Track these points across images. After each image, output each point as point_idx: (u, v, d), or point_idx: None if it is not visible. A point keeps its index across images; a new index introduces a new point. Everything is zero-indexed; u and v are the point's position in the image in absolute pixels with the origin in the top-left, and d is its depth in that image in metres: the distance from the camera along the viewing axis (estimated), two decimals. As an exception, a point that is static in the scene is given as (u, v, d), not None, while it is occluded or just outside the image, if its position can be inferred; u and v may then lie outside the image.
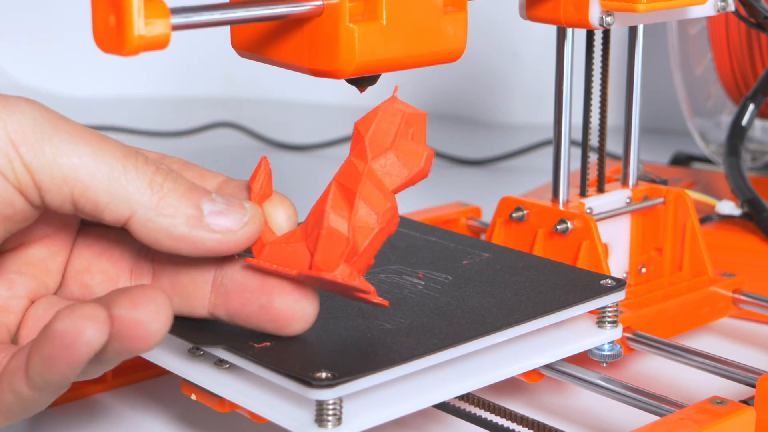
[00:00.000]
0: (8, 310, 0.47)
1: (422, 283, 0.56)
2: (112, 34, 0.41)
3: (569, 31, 0.62)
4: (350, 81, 0.50)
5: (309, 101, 1.30)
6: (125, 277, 0.49)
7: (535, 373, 0.55)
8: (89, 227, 0.49)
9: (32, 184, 0.43)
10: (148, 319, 0.42)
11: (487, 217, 0.75)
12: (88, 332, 0.40)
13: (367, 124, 0.45)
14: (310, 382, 0.45)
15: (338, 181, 0.45)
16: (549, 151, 0.91)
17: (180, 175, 0.45)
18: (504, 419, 0.51)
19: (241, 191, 0.47)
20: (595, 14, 0.59)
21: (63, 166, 0.43)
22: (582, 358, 0.55)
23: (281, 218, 0.46)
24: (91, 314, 0.41)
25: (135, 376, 0.61)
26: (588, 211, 0.64)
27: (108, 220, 0.44)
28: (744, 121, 0.73)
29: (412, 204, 0.80)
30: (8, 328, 0.47)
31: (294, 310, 0.46)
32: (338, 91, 1.24)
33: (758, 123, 0.88)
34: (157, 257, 0.48)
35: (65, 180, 0.43)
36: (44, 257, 0.48)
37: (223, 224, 0.44)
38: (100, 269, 0.49)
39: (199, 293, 0.47)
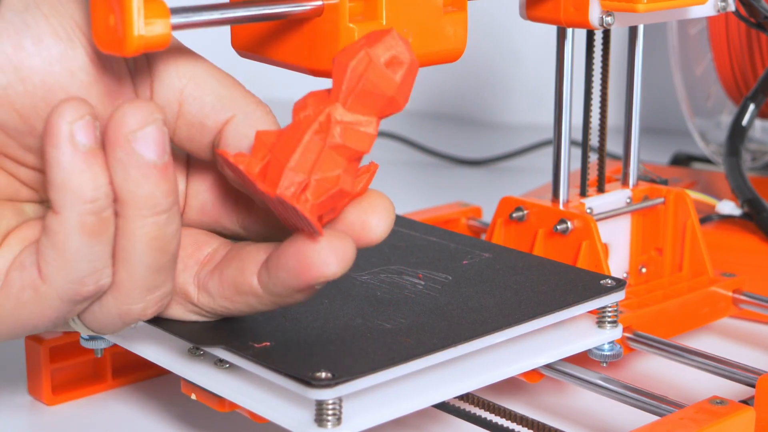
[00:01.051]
0: None
1: (422, 283, 0.56)
2: (112, 34, 0.41)
3: (569, 31, 0.62)
4: (350, 81, 0.50)
5: (309, 101, 1.30)
6: (198, 258, 0.49)
7: (535, 373, 0.55)
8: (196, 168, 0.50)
9: (147, 70, 0.45)
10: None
11: (487, 217, 0.75)
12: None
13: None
14: (310, 382, 0.45)
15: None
16: (549, 151, 0.91)
17: None
18: (504, 419, 0.51)
19: None
20: (595, 14, 0.59)
21: (181, 58, 0.46)
22: (582, 358, 0.55)
23: (374, 222, 0.47)
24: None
25: (135, 376, 0.61)
26: (588, 211, 0.64)
27: (206, 126, 0.46)
28: (744, 121, 0.73)
29: (412, 204, 0.80)
30: None
31: (330, 244, 0.45)
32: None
33: (758, 123, 0.88)
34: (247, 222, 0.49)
35: (178, 72, 0.46)
36: None
37: None
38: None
39: (259, 258, 0.47)
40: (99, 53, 0.44)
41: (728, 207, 0.72)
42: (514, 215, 0.65)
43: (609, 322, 0.55)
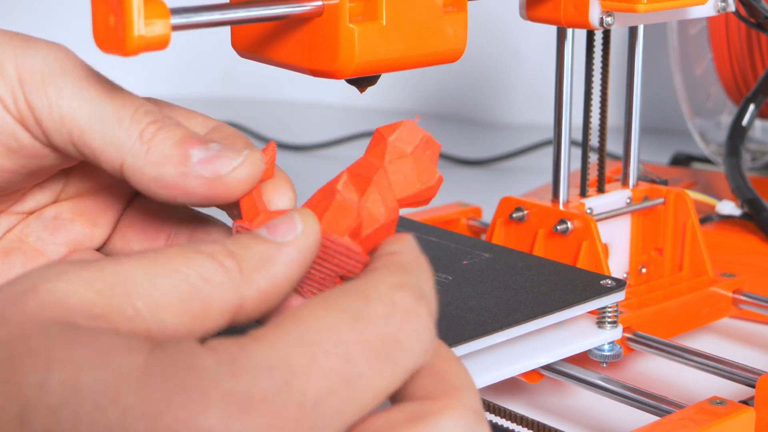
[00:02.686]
0: (45, 256, 0.48)
1: (422, 283, 0.56)
2: (112, 34, 0.41)
3: (569, 31, 0.62)
4: (350, 81, 0.50)
5: (309, 101, 1.30)
6: (161, 243, 0.49)
7: (535, 373, 0.55)
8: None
9: (34, 121, 0.44)
10: None
11: (487, 217, 0.75)
12: None
13: (390, 130, 0.45)
14: (310, 382, 0.45)
15: (351, 170, 0.45)
16: (549, 151, 0.91)
17: (180, 124, 0.45)
18: (504, 419, 0.51)
19: (237, 138, 0.47)
20: (595, 14, 0.59)
21: (62, 107, 0.44)
22: (582, 358, 0.55)
23: (283, 202, 0.45)
24: None
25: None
26: (588, 211, 0.64)
27: (105, 167, 0.44)
28: (744, 122, 0.73)
29: (412, 204, 0.80)
30: None
31: None
32: (338, 91, 1.24)
33: (758, 123, 0.88)
34: (196, 231, 0.48)
35: (63, 122, 0.44)
36: (97, 210, 0.49)
37: (211, 169, 0.43)
38: (142, 229, 0.49)
39: None
40: None
41: (728, 207, 0.72)
42: (514, 215, 0.65)
43: (609, 323, 0.55)
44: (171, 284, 0.36)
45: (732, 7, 0.63)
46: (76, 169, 0.48)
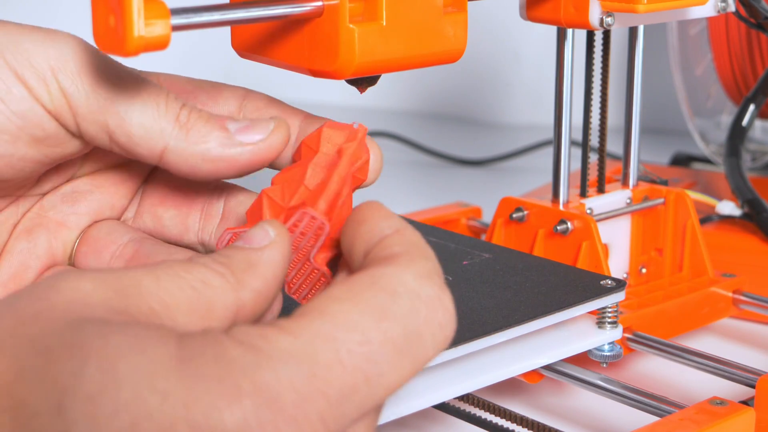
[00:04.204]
0: (67, 227, 0.49)
1: (422, 283, 0.56)
2: (112, 34, 0.41)
3: (569, 31, 0.62)
4: (350, 81, 0.50)
5: (309, 101, 1.30)
6: (196, 215, 0.50)
7: (535, 374, 0.55)
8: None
9: (68, 109, 0.44)
10: None
11: (487, 217, 0.75)
12: None
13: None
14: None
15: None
16: (549, 151, 0.91)
17: (201, 109, 0.47)
18: (504, 420, 0.51)
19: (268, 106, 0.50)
20: (595, 15, 0.59)
21: (100, 96, 0.44)
22: (582, 359, 0.55)
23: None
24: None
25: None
26: (588, 211, 0.64)
27: (142, 154, 0.45)
28: (744, 122, 0.73)
29: (412, 204, 0.80)
30: (64, 245, 0.49)
31: None
32: (338, 91, 1.24)
33: (758, 123, 0.88)
34: (228, 199, 0.49)
35: (101, 110, 0.45)
36: (116, 180, 0.50)
37: (252, 136, 0.46)
38: (173, 204, 0.50)
39: None
40: (20, 105, 0.44)
41: (728, 207, 0.72)
42: (514, 216, 0.65)
43: (609, 323, 0.55)
44: (176, 287, 0.37)
45: (732, 7, 0.63)
46: (92, 151, 0.49)
